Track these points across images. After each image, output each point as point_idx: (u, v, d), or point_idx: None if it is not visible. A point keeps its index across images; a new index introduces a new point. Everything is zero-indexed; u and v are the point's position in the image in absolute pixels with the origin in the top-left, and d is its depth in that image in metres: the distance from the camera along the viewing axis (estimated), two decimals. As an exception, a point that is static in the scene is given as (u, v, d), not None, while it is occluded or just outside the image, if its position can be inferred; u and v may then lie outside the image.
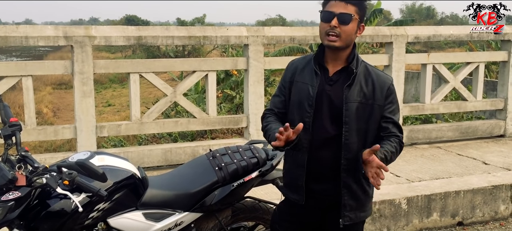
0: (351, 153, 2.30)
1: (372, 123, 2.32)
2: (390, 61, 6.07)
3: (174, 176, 2.85)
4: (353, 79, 2.29)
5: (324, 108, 2.32)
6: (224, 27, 5.72)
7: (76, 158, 2.33)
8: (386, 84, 2.33)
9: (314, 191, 2.39)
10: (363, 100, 2.29)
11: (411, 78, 13.77)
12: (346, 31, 2.24)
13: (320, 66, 2.36)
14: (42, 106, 19.81)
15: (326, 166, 2.35)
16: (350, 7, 2.24)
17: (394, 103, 2.36)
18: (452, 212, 4.53)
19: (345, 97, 2.28)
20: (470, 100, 6.70)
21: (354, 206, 2.36)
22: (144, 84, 5.67)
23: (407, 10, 58.37)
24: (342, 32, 2.24)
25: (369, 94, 2.30)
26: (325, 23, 2.26)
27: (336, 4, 2.24)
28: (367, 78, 2.32)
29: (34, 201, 2.26)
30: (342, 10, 2.23)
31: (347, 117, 2.28)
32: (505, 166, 5.35)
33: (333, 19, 2.23)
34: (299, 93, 2.38)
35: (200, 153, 5.17)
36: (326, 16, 2.25)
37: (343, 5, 2.23)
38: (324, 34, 2.27)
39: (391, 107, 2.34)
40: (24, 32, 4.72)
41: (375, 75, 2.34)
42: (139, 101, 5.23)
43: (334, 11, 2.23)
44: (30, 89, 4.80)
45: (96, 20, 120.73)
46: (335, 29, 2.23)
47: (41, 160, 4.20)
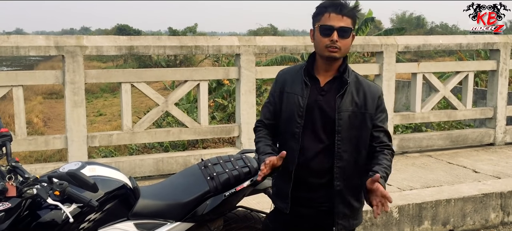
0: (343, 161, 2.32)
1: (364, 131, 2.35)
2: (381, 70, 6.11)
3: (165, 186, 2.84)
4: (346, 89, 2.31)
5: (316, 119, 2.33)
6: (216, 36, 5.74)
7: (67, 168, 2.31)
8: (377, 93, 2.38)
9: (304, 199, 2.40)
10: (355, 109, 2.31)
11: (401, 87, 13.85)
12: (346, 44, 2.29)
13: (311, 76, 2.38)
14: (33, 116, 19.66)
15: (318, 175, 2.36)
16: (347, 20, 2.26)
17: (384, 112, 2.41)
18: (443, 220, 4.55)
19: (338, 106, 2.30)
20: (460, 109, 6.76)
21: (347, 214, 2.38)
22: (135, 94, 5.66)
23: (398, 20, 58.83)
24: (342, 45, 2.27)
25: (361, 103, 2.33)
26: (325, 37, 2.26)
27: (333, 17, 2.25)
28: (359, 88, 2.35)
29: (24, 212, 2.24)
30: (341, 23, 2.25)
31: (340, 126, 2.30)
32: (495, 174, 5.39)
33: (333, 33, 2.24)
34: (289, 104, 2.39)
35: (191, 162, 5.16)
36: (325, 30, 2.26)
37: (340, 18, 2.25)
38: (324, 47, 2.28)
39: (381, 117, 2.39)
40: (15, 42, 4.71)
41: (366, 85, 2.38)
42: (130, 111, 5.22)
43: (334, 25, 2.24)
44: (21, 99, 4.77)
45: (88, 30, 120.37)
46: (336, 43, 2.25)
47: (32, 170, 4.16)
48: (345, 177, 2.33)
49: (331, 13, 2.25)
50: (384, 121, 2.41)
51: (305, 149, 2.35)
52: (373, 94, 2.36)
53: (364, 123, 2.34)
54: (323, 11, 2.28)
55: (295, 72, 2.44)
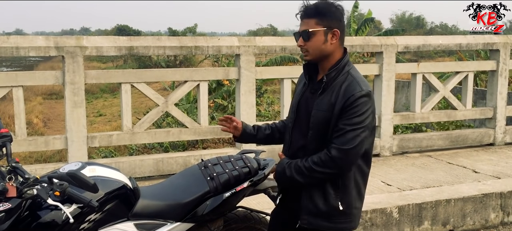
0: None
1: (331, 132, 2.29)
2: (381, 70, 6.12)
3: (165, 186, 2.84)
4: (323, 88, 2.33)
5: (302, 116, 2.43)
6: (215, 37, 5.74)
7: (67, 169, 2.31)
8: (349, 94, 2.24)
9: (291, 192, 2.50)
10: (330, 108, 2.28)
11: (401, 87, 13.86)
12: (312, 45, 2.32)
13: (311, 77, 2.45)
14: (33, 117, 19.66)
15: None
16: (309, 22, 2.31)
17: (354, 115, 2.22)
18: (443, 220, 4.56)
19: (315, 104, 2.35)
20: (460, 109, 6.76)
21: (313, 210, 2.35)
22: (135, 94, 5.66)
23: (397, 20, 58.84)
24: (309, 47, 2.34)
25: (333, 103, 2.27)
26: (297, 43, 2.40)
27: (301, 23, 2.36)
28: (339, 88, 2.28)
29: (24, 212, 2.24)
30: (303, 27, 2.33)
31: (312, 123, 2.35)
32: (495, 174, 5.40)
33: (299, 39, 2.36)
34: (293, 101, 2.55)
35: (191, 162, 5.16)
36: (296, 37, 2.40)
37: (303, 22, 2.34)
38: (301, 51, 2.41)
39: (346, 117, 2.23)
40: (15, 43, 4.71)
41: (346, 85, 2.28)
42: (130, 111, 5.22)
43: (299, 30, 2.36)
44: (21, 100, 4.78)
45: (87, 30, 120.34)
46: (303, 46, 2.35)
47: (32, 170, 4.16)
48: None
49: (300, 20, 2.38)
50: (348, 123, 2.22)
51: (293, 143, 2.47)
52: (345, 94, 2.25)
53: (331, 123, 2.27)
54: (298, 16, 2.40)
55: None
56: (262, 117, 10.20)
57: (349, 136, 2.22)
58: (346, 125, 2.23)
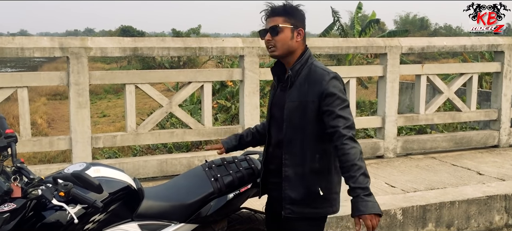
0: (290, 148, 2.48)
1: (309, 119, 2.43)
2: (385, 72, 6.11)
3: (169, 187, 2.84)
4: (289, 81, 2.49)
5: (277, 113, 2.57)
6: (219, 38, 5.74)
7: (71, 169, 2.32)
8: (320, 79, 2.41)
9: (274, 184, 2.62)
10: (302, 98, 2.44)
11: (405, 89, 13.84)
12: (280, 40, 2.47)
13: (279, 77, 2.61)
14: (37, 117, 19.72)
15: (276, 163, 2.57)
16: (277, 19, 2.47)
17: (333, 96, 2.37)
18: (447, 222, 4.54)
19: (286, 98, 2.49)
20: (464, 111, 6.74)
21: (296, 199, 2.47)
22: (138, 95, 5.67)
23: (401, 21, 58.75)
24: (276, 42, 2.47)
25: (306, 92, 2.44)
26: (263, 39, 2.54)
27: (267, 21, 2.52)
28: (307, 78, 2.46)
29: (29, 213, 2.24)
30: (271, 24, 2.48)
31: (286, 115, 2.48)
32: (500, 176, 5.38)
33: (266, 34, 2.50)
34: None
35: (195, 163, 5.17)
36: (262, 33, 2.55)
37: (271, 20, 2.49)
38: (267, 48, 2.54)
39: (329, 101, 2.38)
40: (20, 43, 4.73)
41: (314, 73, 2.45)
42: (134, 112, 5.23)
43: (266, 27, 2.51)
44: (26, 100, 4.79)
45: (92, 31, 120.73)
46: (270, 41, 2.49)
47: (36, 171, 4.18)
48: (292, 164, 2.47)
49: (265, 19, 2.54)
50: (335, 105, 2.36)
51: (270, 141, 2.63)
52: (316, 80, 2.42)
53: (309, 111, 2.42)
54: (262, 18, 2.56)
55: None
56: (265, 118, 10.19)
57: (343, 113, 2.37)
58: (334, 107, 2.37)
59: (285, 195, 2.49)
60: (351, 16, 29.28)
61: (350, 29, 22.66)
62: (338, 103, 2.38)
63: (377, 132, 6.46)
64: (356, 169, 2.26)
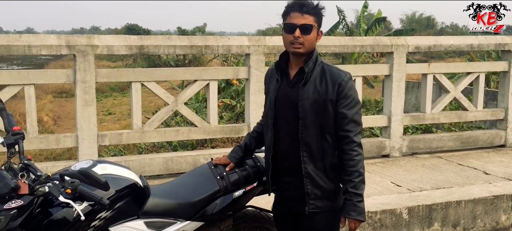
0: (308, 145, 2.49)
1: (326, 117, 2.48)
2: (391, 71, 6.09)
3: (175, 185, 2.85)
4: (306, 78, 2.48)
5: (286, 109, 2.53)
6: (225, 36, 5.74)
7: (78, 167, 2.33)
8: (338, 80, 2.46)
9: (285, 182, 2.62)
10: (318, 97, 2.46)
11: (411, 88, 13.78)
12: (308, 39, 2.46)
13: (283, 72, 2.58)
14: (43, 115, 19.81)
15: (291, 160, 2.55)
16: (309, 17, 2.45)
17: (349, 98, 2.47)
18: (454, 222, 4.53)
19: (300, 95, 2.48)
20: (471, 110, 6.71)
21: (318, 194, 2.53)
22: (144, 93, 5.68)
23: (407, 20, 58.51)
24: (305, 40, 2.45)
25: (323, 91, 2.46)
26: (289, 34, 2.46)
27: (295, 15, 2.45)
28: (322, 77, 2.48)
29: (36, 210, 2.26)
30: (303, 21, 2.44)
31: (302, 113, 2.47)
32: (506, 176, 5.35)
33: (296, 30, 2.44)
34: (268, 99, 2.66)
35: (201, 162, 5.17)
36: (288, 28, 2.47)
37: (303, 17, 2.44)
38: (289, 43, 2.47)
39: (344, 102, 2.46)
40: (27, 41, 4.75)
41: (329, 73, 2.49)
42: (140, 110, 5.24)
43: (296, 22, 2.44)
44: (33, 98, 4.81)
45: (97, 29, 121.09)
46: (299, 39, 2.44)
47: (43, 168, 4.19)
48: (312, 161, 2.50)
49: (294, 12, 2.46)
50: (348, 106, 2.46)
51: (279, 138, 2.57)
52: (334, 80, 2.46)
53: (326, 110, 2.47)
54: (288, 11, 2.49)
55: (273, 70, 2.66)
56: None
57: (356, 118, 2.48)
58: (349, 109, 2.46)
59: (308, 191, 2.52)
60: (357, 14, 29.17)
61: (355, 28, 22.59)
62: (353, 106, 2.48)
63: (383, 131, 6.44)
64: (357, 176, 2.45)
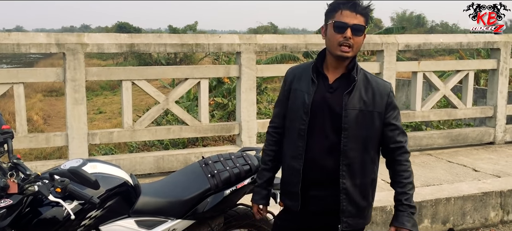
0: (349, 159, 2.29)
1: (372, 130, 2.33)
2: (381, 69, 6.12)
3: (166, 183, 2.85)
4: (353, 86, 2.28)
5: (324, 116, 2.31)
6: (216, 35, 5.74)
7: (68, 166, 2.32)
8: (386, 91, 2.35)
9: (312, 197, 2.38)
10: (363, 107, 2.29)
11: (402, 86, 13.87)
12: (359, 42, 2.26)
13: (319, 73, 2.36)
14: (33, 114, 19.67)
15: (325, 173, 2.33)
16: (360, 18, 2.24)
17: (396, 110, 2.39)
18: (443, 218, 4.56)
19: (345, 104, 2.27)
20: (460, 108, 6.77)
21: (353, 212, 2.34)
22: (135, 92, 5.65)
23: (398, 19, 58.80)
24: (355, 43, 2.25)
25: (369, 101, 2.30)
26: (338, 34, 2.23)
27: (347, 14, 2.23)
28: (367, 86, 2.32)
29: (26, 209, 2.24)
30: (355, 21, 2.22)
31: (346, 123, 2.27)
32: (495, 173, 5.40)
33: (347, 30, 2.22)
34: (296, 101, 2.38)
35: (192, 160, 5.17)
36: (339, 27, 2.23)
37: (354, 16, 2.23)
38: (337, 44, 2.24)
39: (393, 114, 2.37)
40: (16, 39, 4.71)
41: (375, 82, 2.35)
42: (131, 109, 5.22)
43: (348, 22, 2.22)
44: (22, 97, 4.78)
45: (88, 28, 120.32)
46: (349, 40, 2.22)
47: (33, 167, 4.17)
48: (351, 176, 2.31)
49: (345, 10, 2.23)
50: (397, 118, 2.38)
51: (312, 147, 2.33)
52: (382, 92, 2.33)
53: (372, 122, 2.31)
54: (337, 8, 2.25)
55: (303, 70, 2.42)
56: (262, 115, 10.20)
57: (402, 128, 2.42)
58: (398, 120, 2.39)
59: (343, 208, 2.32)
60: (348, 13, 29.08)
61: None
62: (399, 117, 2.41)
63: (374, 129, 6.46)
64: (410, 188, 2.40)
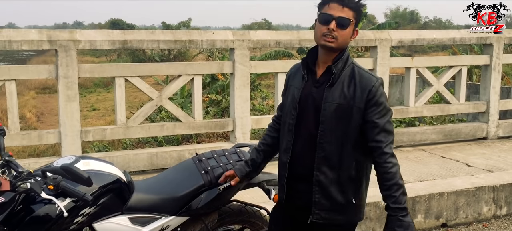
0: (325, 152, 2.27)
1: (349, 125, 2.26)
2: (375, 65, 6.13)
3: (160, 180, 2.84)
4: (332, 79, 2.27)
5: (309, 110, 2.32)
6: (210, 31, 5.72)
7: (61, 163, 2.31)
8: (368, 86, 2.25)
9: (296, 191, 2.40)
10: (343, 101, 2.25)
11: (395, 81, 13.90)
12: (344, 35, 2.25)
13: (309, 69, 2.36)
14: (26, 111, 19.56)
15: (307, 167, 2.33)
16: (348, 11, 2.23)
17: (380, 106, 2.26)
18: (436, 213, 4.58)
19: (325, 97, 2.27)
20: (453, 103, 6.79)
21: (327, 205, 2.31)
22: (129, 88, 5.64)
23: (391, 15, 58.96)
24: (339, 35, 2.23)
25: (350, 96, 2.25)
26: (323, 26, 2.24)
27: (334, 6, 2.23)
28: (351, 80, 2.27)
29: (18, 206, 2.23)
30: (340, 14, 2.22)
31: (324, 116, 2.26)
32: (488, 168, 5.43)
33: (332, 22, 2.22)
34: (289, 97, 2.41)
35: (186, 157, 5.15)
36: (324, 19, 2.24)
37: (341, 9, 2.23)
38: (320, 35, 2.25)
39: (375, 110, 2.25)
40: (8, 36, 4.67)
41: (359, 76, 2.28)
42: (124, 106, 5.20)
43: (333, 14, 2.22)
44: (14, 94, 4.74)
45: (81, 24, 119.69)
46: (333, 32, 2.22)
47: (25, 165, 4.13)
48: (326, 169, 2.29)
49: (333, 3, 2.24)
50: (380, 114, 2.25)
51: (298, 141, 2.35)
52: (364, 86, 2.25)
53: (351, 117, 2.25)
54: (326, 1, 2.27)
55: (299, 66, 2.45)
56: (256, 111, 10.21)
57: (387, 127, 2.27)
58: (380, 118, 2.25)
59: (315, 199, 2.30)
60: (341, 9, 29.05)
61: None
62: (384, 114, 2.27)
63: (367, 125, 6.48)
64: (396, 189, 2.23)
